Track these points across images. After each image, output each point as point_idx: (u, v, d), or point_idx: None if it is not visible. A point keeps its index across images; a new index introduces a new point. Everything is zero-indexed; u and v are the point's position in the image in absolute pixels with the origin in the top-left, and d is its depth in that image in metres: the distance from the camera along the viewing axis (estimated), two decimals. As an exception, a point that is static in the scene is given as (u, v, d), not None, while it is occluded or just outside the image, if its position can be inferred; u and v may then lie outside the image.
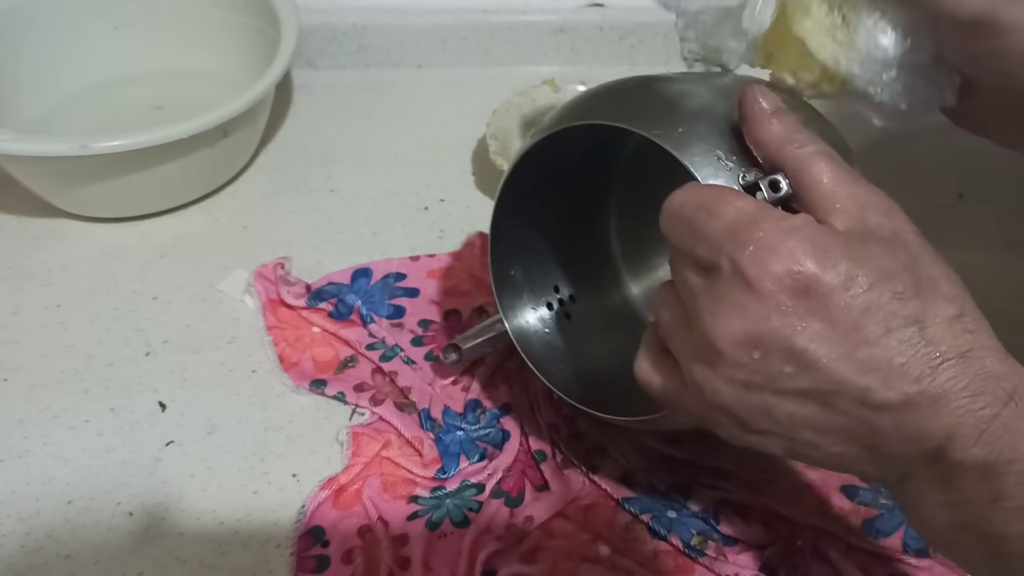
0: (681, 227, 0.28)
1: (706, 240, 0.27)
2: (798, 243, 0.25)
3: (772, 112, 0.30)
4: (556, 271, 0.48)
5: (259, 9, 0.61)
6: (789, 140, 0.29)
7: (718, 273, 0.27)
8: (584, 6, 0.70)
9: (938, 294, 0.26)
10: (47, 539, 0.41)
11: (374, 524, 0.41)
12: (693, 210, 0.28)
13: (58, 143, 0.49)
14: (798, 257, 0.25)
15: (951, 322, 0.25)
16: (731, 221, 0.27)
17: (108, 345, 0.50)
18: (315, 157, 0.63)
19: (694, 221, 0.28)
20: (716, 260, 0.27)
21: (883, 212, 0.27)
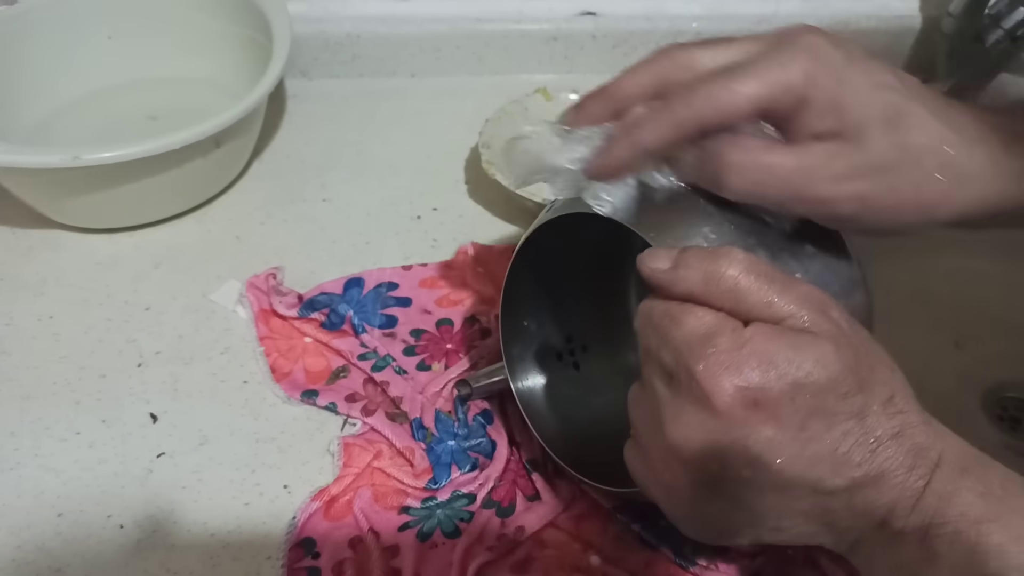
0: (649, 331, 0.31)
1: (669, 348, 0.30)
2: (747, 358, 0.28)
3: (672, 268, 0.30)
4: (571, 323, 0.47)
5: (252, 18, 0.62)
6: (708, 280, 0.29)
7: (679, 382, 0.29)
8: (577, 15, 0.71)
9: (875, 382, 0.28)
10: (38, 552, 0.41)
11: (365, 535, 0.41)
12: (660, 316, 0.30)
13: (50, 155, 0.49)
14: (747, 373, 0.27)
15: (885, 406, 0.28)
16: (690, 333, 0.29)
17: (100, 356, 0.50)
18: (309, 166, 0.63)
19: (660, 327, 0.30)
20: (676, 370, 0.29)
21: (820, 311, 0.29)
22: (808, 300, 0.29)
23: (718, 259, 0.29)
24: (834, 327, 0.29)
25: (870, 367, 0.28)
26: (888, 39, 0.73)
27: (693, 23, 0.71)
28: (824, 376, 0.27)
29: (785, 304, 0.29)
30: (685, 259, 0.30)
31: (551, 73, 0.72)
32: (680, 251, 0.30)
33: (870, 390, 0.28)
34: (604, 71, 0.71)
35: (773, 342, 0.28)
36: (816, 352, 0.27)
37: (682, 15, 0.71)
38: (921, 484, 0.27)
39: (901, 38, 0.73)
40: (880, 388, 0.28)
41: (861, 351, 0.29)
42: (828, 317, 0.29)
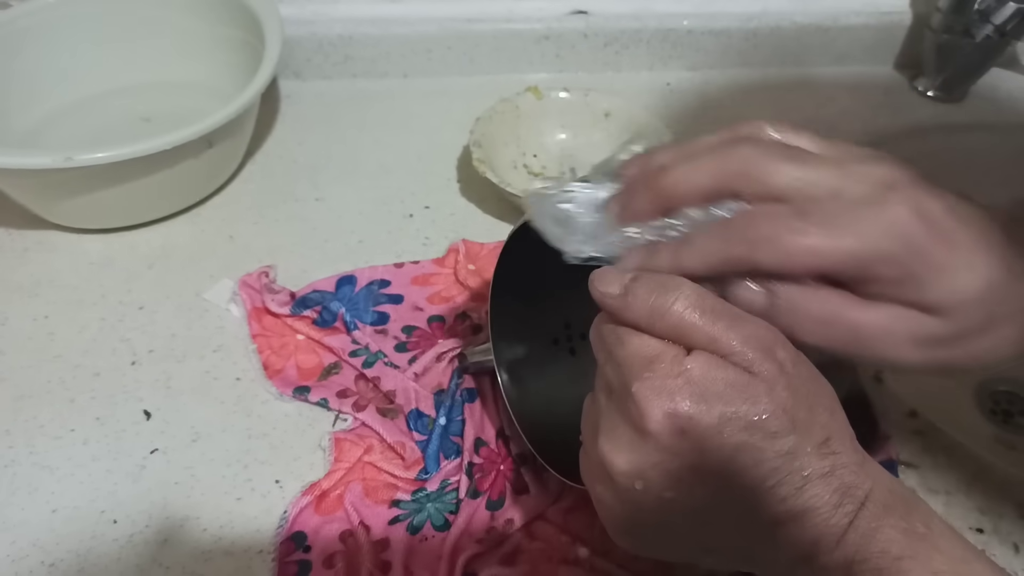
0: (599, 345, 0.31)
1: (612, 364, 0.30)
2: (682, 387, 0.28)
3: (623, 294, 0.30)
4: (568, 309, 0.47)
5: (244, 21, 0.62)
6: (653, 313, 0.29)
7: (617, 398, 0.30)
8: (568, 14, 0.71)
9: (812, 424, 0.28)
10: (32, 548, 0.41)
11: (355, 529, 0.41)
12: (608, 333, 0.31)
13: (43, 156, 0.49)
14: (679, 401, 0.28)
15: (819, 447, 0.28)
16: (633, 353, 0.29)
17: (94, 355, 0.50)
18: (301, 167, 0.64)
19: (606, 344, 0.31)
20: (617, 386, 0.30)
21: (764, 350, 0.29)
22: (753, 339, 0.29)
23: (666, 292, 0.29)
24: (776, 368, 0.28)
25: (809, 409, 0.28)
26: (878, 35, 0.74)
27: (684, 21, 0.72)
28: (754, 414, 0.28)
29: (728, 342, 0.28)
30: (634, 288, 0.30)
31: (542, 72, 0.73)
32: (631, 278, 0.30)
33: (805, 432, 0.28)
34: (595, 69, 0.73)
35: (710, 374, 0.28)
36: (750, 391, 0.28)
37: (672, 13, 0.72)
38: (845, 522, 0.28)
39: (891, 34, 0.74)
40: (817, 431, 0.28)
41: (801, 392, 0.29)
42: (772, 357, 0.29)
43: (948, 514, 0.43)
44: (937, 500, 0.44)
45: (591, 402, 0.33)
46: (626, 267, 0.32)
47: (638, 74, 0.74)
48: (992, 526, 0.43)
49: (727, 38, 0.73)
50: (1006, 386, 0.58)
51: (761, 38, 0.73)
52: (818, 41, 0.74)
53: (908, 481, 0.44)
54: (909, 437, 0.47)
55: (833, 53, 0.74)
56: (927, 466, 0.45)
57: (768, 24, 0.72)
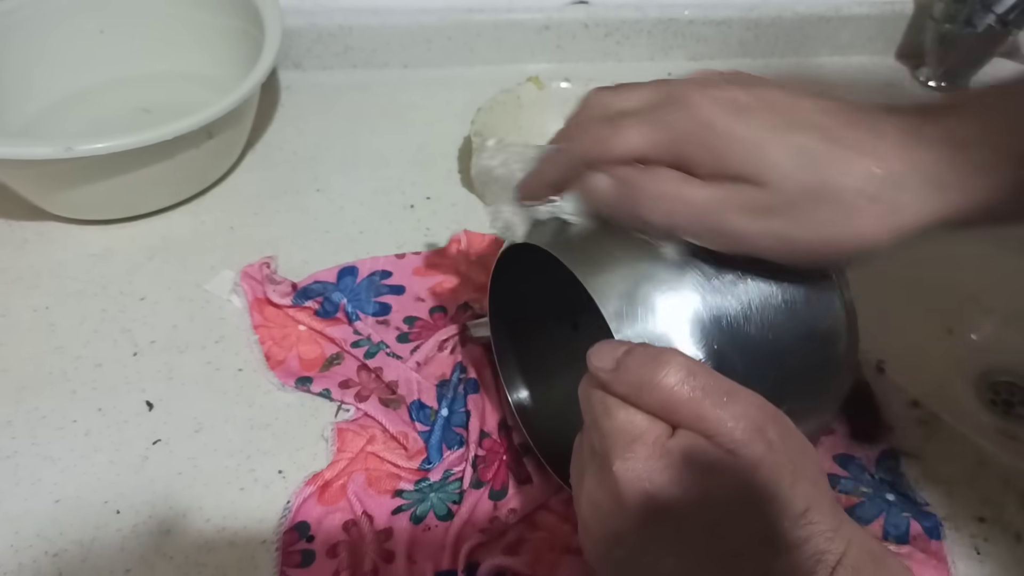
0: (586, 408, 0.31)
1: (598, 433, 0.30)
2: (662, 471, 0.28)
3: (614, 368, 0.30)
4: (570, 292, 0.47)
5: (244, 11, 0.62)
6: (643, 387, 0.29)
7: (599, 465, 0.30)
8: (568, 4, 0.71)
9: (793, 497, 0.28)
10: (35, 538, 0.41)
11: (359, 518, 0.41)
12: (596, 402, 0.31)
13: (43, 146, 0.49)
14: (658, 484, 0.28)
15: (797, 519, 0.28)
16: (617, 428, 0.29)
17: (96, 346, 0.50)
18: (302, 157, 0.64)
19: (594, 411, 0.31)
20: (600, 454, 0.30)
21: (754, 430, 0.29)
22: (743, 418, 0.29)
23: (657, 367, 0.29)
24: (764, 448, 0.28)
25: (791, 485, 0.29)
26: (880, 25, 0.74)
27: (685, 11, 0.71)
28: (729, 496, 0.28)
29: (715, 421, 0.28)
30: (626, 363, 0.30)
31: (543, 62, 0.72)
32: (624, 352, 0.30)
33: (784, 507, 0.28)
34: (596, 59, 0.73)
35: (692, 458, 0.28)
36: (730, 476, 0.28)
37: (673, 3, 0.71)
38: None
39: (893, 24, 0.74)
40: (798, 502, 0.28)
41: (786, 469, 0.29)
42: (762, 437, 0.29)
43: (950, 503, 0.43)
44: (939, 490, 0.44)
45: (579, 446, 0.33)
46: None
47: (639, 64, 0.74)
48: (994, 515, 0.43)
49: (728, 28, 0.72)
50: (1007, 376, 0.58)
51: (762, 28, 0.73)
52: (820, 31, 0.73)
53: (911, 471, 0.44)
54: (911, 427, 0.47)
55: (835, 43, 0.74)
56: (929, 456, 0.45)
57: (769, 14, 0.72)
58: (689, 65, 0.74)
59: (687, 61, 0.74)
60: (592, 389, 0.31)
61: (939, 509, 0.42)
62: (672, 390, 0.29)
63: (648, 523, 0.29)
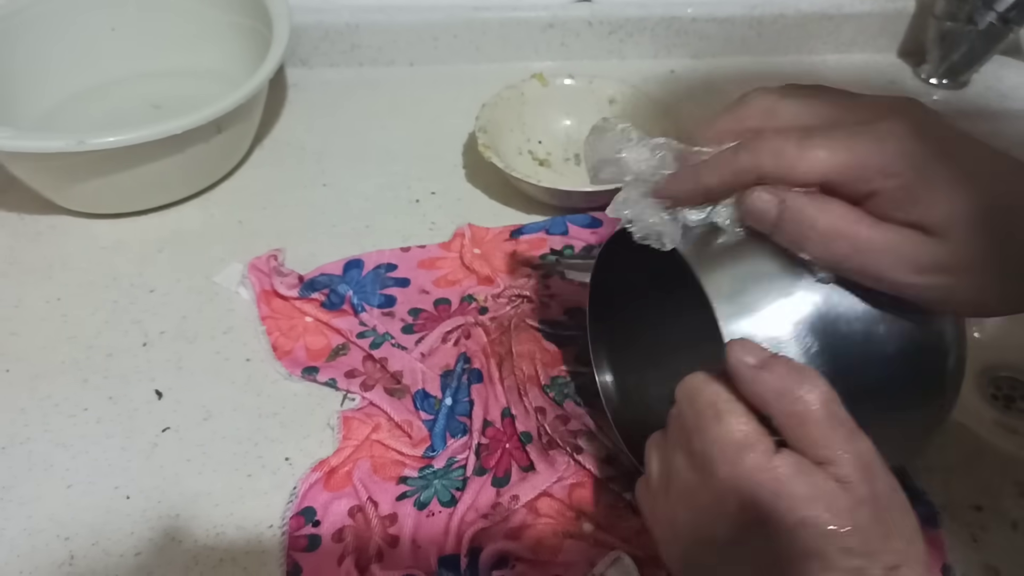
0: (688, 410, 0.31)
1: (701, 438, 0.30)
2: (767, 482, 0.28)
3: (758, 366, 0.30)
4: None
5: (253, 8, 0.63)
6: (782, 395, 0.29)
7: (699, 470, 0.30)
8: (573, 2, 0.72)
9: (885, 551, 0.28)
10: (48, 522, 0.42)
11: (364, 504, 0.42)
12: (704, 404, 0.30)
13: (56, 139, 0.50)
14: (763, 493, 0.28)
15: (887, 572, 0.28)
16: (726, 435, 0.29)
17: (107, 336, 0.51)
18: (309, 153, 0.64)
19: (700, 415, 0.30)
20: (702, 460, 0.30)
21: (864, 470, 0.28)
22: (862, 457, 0.29)
23: (802, 381, 0.29)
24: (867, 490, 0.28)
25: (885, 536, 0.28)
26: (882, 22, 0.74)
27: (688, 8, 0.72)
28: (831, 523, 0.27)
29: (836, 449, 0.28)
30: (772, 364, 0.30)
31: (548, 60, 0.73)
32: (771, 355, 0.30)
33: (876, 556, 0.28)
34: (600, 57, 0.73)
35: (796, 477, 0.28)
36: (832, 500, 0.28)
37: (676, 1, 0.72)
38: None
39: (894, 21, 0.74)
40: (888, 556, 0.28)
41: (882, 518, 0.28)
42: (867, 479, 0.28)
43: (947, 492, 0.43)
44: (937, 479, 0.44)
45: (663, 446, 0.33)
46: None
47: (642, 61, 0.74)
48: (991, 503, 0.43)
49: (731, 26, 0.73)
50: (1008, 372, 0.58)
51: (765, 26, 0.73)
52: (822, 29, 0.74)
53: (908, 460, 0.45)
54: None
55: (837, 40, 0.75)
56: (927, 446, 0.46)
57: (772, 12, 0.73)
58: (692, 63, 0.74)
59: (690, 59, 0.75)
60: (699, 383, 0.31)
61: (936, 498, 0.43)
62: (810, 406, 0.28)
63: (743, 533, 0.29)
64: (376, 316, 0.51)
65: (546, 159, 0.64)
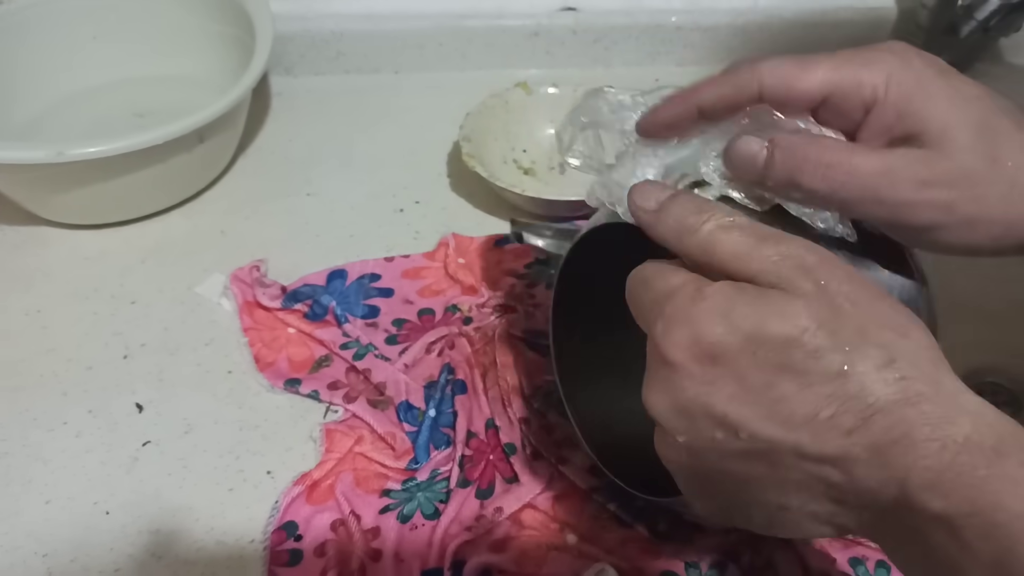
0: (631, 301, 0.30)
1: (641, 311, 0.29)
2: (703, 312, 0.26)
3: (656, 209, 0.30)
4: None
5: (235, 16, 0.62)
6: (683, 230, 0.29)
7: (650, 343, 0.28)
8: (558, 10, 0.72)
9: (866, 343, 0.25)
10: (25, 538, 0.42)
11: (347, 518, 0.42)
12: (637, 283, 0.30)
13: (35, 150, 0.50)
14: (701, 327, 0.26)
15: (880, 370, 0.25)
16: (655, 294, 0.28)
17: (87, 348, 0.50)
18: (294, 162, 0.64)
19: (634, 293, 0.30)
20: (647, 332, 0.29)
21: (802, 268, 0.26)
22: (789, 257, 0.27)
23: (701, 211, 0.28)
24: (811, 285, 0.26)
25: (859, 329, 0.25)
26: (864, 31, 0.74)
27: (672, 17, 0.72)
28: (785, 330, 0.25)
29: (757, 258, 0.27)
30: (669, 205, 0.29)
31: (533, 68, 0.73)
32: (669, 195, 0.30)
33: (857, 351, 0.25)
34: (585, 65, 0.73)
35: (733, 297, 0.26)
36: (778, 306, 0.26)
37: (661, 9, 0.72)
38: (937, 463, 0.23)
39: (877, 30, 0.74)
40: (873, 350, 0.25)
41: (847, 311, 0.26)
42: (808, 276, 0.26)
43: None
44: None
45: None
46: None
47: (627, 70, 0.74)
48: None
49: (716, 34, 0.73)
50: (992, 377, 0.59)
51: (749, 34, 0.73)
52: (806, 37, 0.74)
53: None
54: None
55: (821, 48, 0.73)
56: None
57: (756, 20, 0.73)
58: (678, 71, 0.74)
59: (675, 67, 0.75)
60: (634, 273, 0.30)
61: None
62: (714, 231, 0.28)
63: (704, 378, 0.26)
64: (359, 327, 0.51)
65: (531, 168, 0.64)
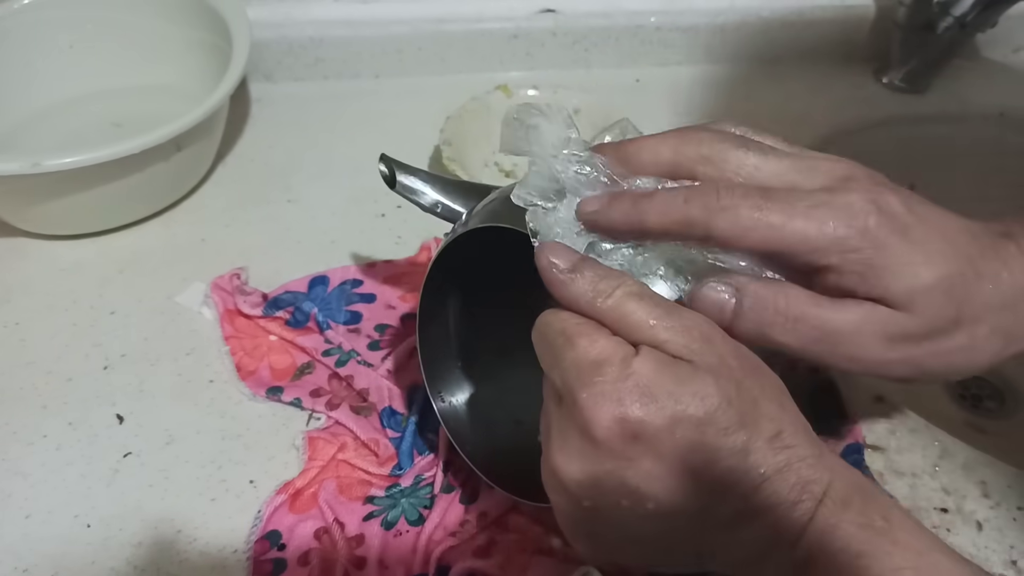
0: (544, 348, 0.30)
1: (559, 369, 0.29)
2: (630, 390, 0.27)
3: (570, 269, 0.30)
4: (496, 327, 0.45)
5: (212, 24, 0.62)
6: (596, 294, 0.29)
7: (564, 405, 0.29)
8: (537, 13, 0.72)
9: (760, 417, 0.28)
10: (5, 553, 0.41)
11: (330, 526, 0.42)
12: (554, 335, 0.30)
13: (10, 162, 0.49)
14: (628, 405, 0.27)
15: (770, 441, 0.27)
16: (580, 357, 0.28)
17: (66, 360, 0.50)
18: (273, 168, 0.64)
19: (553, 346, 0.29)
20: (564, 393, 0.29)
21: (704, 339, 0.28)
22: (694, 328, 0.28)
23: (611, 277, 0.29)
24: (716, 359, 0.28)
25: (753, 402, 0.28)
26: (842, 29, 0.75)
27: (651, 18, 0.72)
28: (703, 410, 0.27)
29: (666, 328, 0.28)
30: (583, 267, 0.30)
31: (513, 71, 0.73)
32: (581, 257, 0.30)
33: (754, 426, 0.27)
34: (566, 67, 0.74)
35: (657, 375, 0.27)
36: (696, 385, 0.27)
37: (640, 11, 0.72)
38: (804, 519, 0.27)
39: (856, 28, 0.75)
40: (765, 424, 0.28)
41: (745, 385, 0.28)
42: (712, 347, 0.28)
43: (913, 495, 0.44)
44: (903, 481, 0.44)
45: (543, 411, 0.32)
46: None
47: (607, 71, 0.74)
48: (956, 505, 0.43)
49: (695, 34, 0.73)
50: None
51: (728, 34, 0.74)
52: (784, 36, 0.74)
53: (874, 464, 0.45)
54: (876, 421, 0.47)
55: (799, 47, 0.75)
56: (893, 449, 0.46)
57: (734, 20, 0.73)
58: (657, 71, 0.75)
59: (655, 67, 0.75)
60: (548, 318, 0.30)
61: (903, 501, 0.43)
62: (627, 298, 0.29)
63: (624, 455, 0.27)
64: (342, 333, 0.51)
65: (511, 171, 0.64)
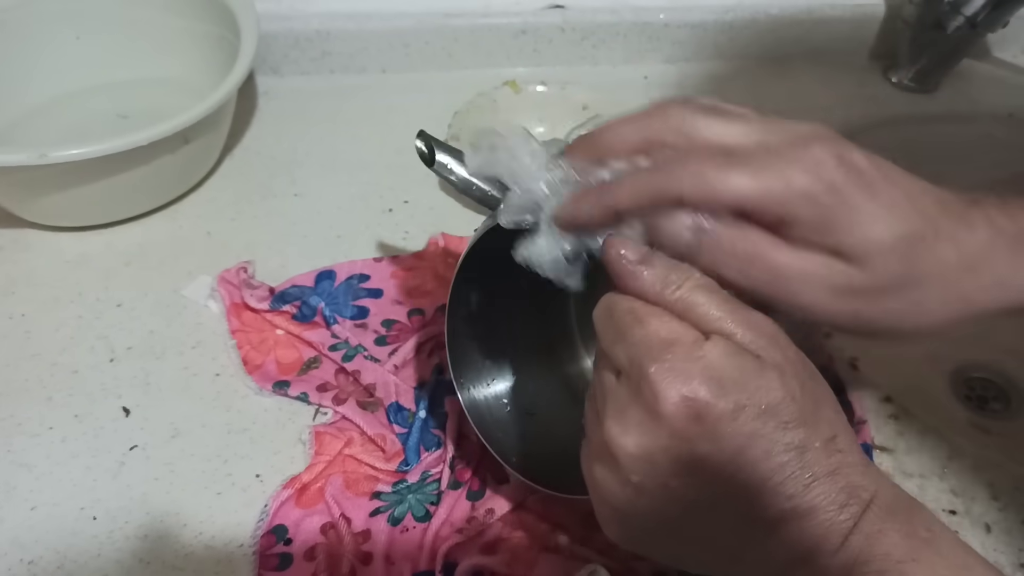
0: (609, 325, 0.30)
1: (625, 344, 0.29)
2: (699, 371, 0.27)
3: (639, 261, 0.30)
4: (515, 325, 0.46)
5: (219, 16, 0.62)
6: (665, 284, 0.29)
7: (627, 379, 0.29)
8: (545, 8, 0.71)
9: (819, 419, 0.28)
10: (10, 545, 0.41)
11: (336, 521, 0.41)
12: (623, 313, 0.30)
13: (17, 153, 0.49)
14: (696, 386, 0.27)
15: (826, 444, 0.28)
16: (651, 334, 0.29)
17: (72, 353, 0.50)
18: (280, 162, 0.64)
19: (621, 323, 0.30)
20: (628, 367, 0.29)
21: (770, 337, 0.29)
22: (761, 326, 0.29)
23: (681, 270, 0.30)
24: (781, 356, 0.28)
25: (815, 403, 0.28)
26: (852, 27, 0.74)
27: (660, 14, 0.72)
28: (767, 402, 0.27)
29: (734, 321, 0.29)
30: (651, 259, 0.30)
31: (520, 66, 0.73)
32: (649, 250, 0.30)
33: (813, 426, 0.28)
34: (573, 63, 0.73)
35: (727, 360, 0.28)
36: (762, 378, 0.27)
37: (648, 7, 0.72)
38: (850, 523, 0.27)
39: (865, 26, 0.75)
40: (824, 426, 0.28)
41: (808, 386, 0.28)
42: (777, 345, 0.29)
43: (922, 497, 0.44)
44: (911, 483, 0.44)
45: (595, 385, 0.32)
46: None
47: (615, 67, 0.74)
48: (964, 508, 0.43)
49: (703, 31, 0.73)
50: (981, 372, 0.59)
51: (737, 31, 0.73)
52: (793, 33, 0.74)
53: (883, 465, 0.45)
54: (884, 421, 0.47)
55: (808, 45, 0.75)
56: (901, 450, 0.46)
57: (744, 17, 0.73)
58: (665, 68, 0.74)
59: (663, 64, 0.75)
60: (615, 297, 0.31)
61: (911, 502, 0.43)
62: (695, 290, 0.29)
63: (684, 433, 0.27)
64: (349, 328, 0.51)
65: (519, 166, 0.63)
